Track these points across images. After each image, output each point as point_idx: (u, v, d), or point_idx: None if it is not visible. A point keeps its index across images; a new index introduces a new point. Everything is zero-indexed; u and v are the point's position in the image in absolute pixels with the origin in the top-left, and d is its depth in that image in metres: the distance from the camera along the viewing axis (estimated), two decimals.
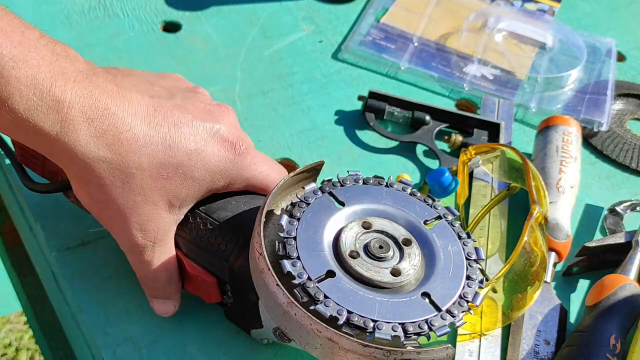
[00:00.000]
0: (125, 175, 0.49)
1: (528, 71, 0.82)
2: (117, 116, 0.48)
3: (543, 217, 0.61)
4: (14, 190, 0.67)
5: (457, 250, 0.50)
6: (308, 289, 0.45)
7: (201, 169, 0.51)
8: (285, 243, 0.47)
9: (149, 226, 0.51)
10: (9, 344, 1.58)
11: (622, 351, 0.55)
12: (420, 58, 0.82)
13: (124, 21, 0.81)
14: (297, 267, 0.46)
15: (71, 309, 0.61)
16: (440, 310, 0.47)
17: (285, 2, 0.87)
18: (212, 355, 0.55)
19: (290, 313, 0.45)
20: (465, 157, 0.68)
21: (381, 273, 0.48)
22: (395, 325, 0.45)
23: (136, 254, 0.52)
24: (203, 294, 0.55)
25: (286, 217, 0.49)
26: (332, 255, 0.48)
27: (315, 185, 0.52)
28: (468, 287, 0.49)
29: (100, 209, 0.51)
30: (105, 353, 0.54)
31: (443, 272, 0.49)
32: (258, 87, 0.77)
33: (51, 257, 0.60)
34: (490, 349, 0.58)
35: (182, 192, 0.51)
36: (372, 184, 0.53)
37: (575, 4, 0.94)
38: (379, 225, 0.51)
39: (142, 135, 0.49)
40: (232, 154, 0.52)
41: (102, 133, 0.47)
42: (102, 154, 0.48)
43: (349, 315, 0.45)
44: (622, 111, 0.82)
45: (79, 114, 0.46)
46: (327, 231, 0.49)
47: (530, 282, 0.58)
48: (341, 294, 0.46)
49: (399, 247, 0.50)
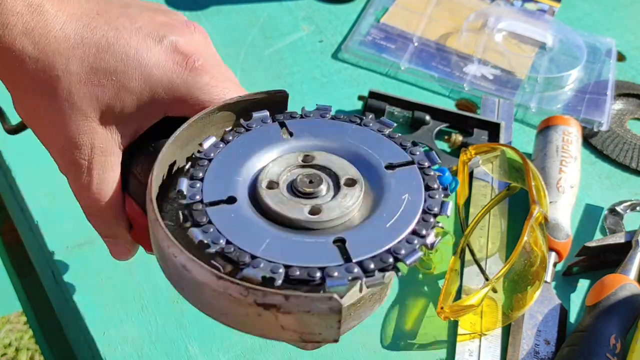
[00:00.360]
0: (51, 77, 0.44)
1: (528, 71, 0.82)
2: (50, 14, 0.43)
3: (543, 217, 0.61)
4: (14, 190, 0.67)
5: (414, 200, 0.40)
6: (193, 212, 0.39)
7: (138, 79, 0.45)
8: (197, 163, 0.42)
9: (81, 140, 0.45)
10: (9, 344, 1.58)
11: (622, 351, 0.55)
12: (420, 58, 0.82)
13: None
14: (194, 188, 0.40)
15: (71, 309, 0.61)
16: (350, 260, 0.37)
17: (285, 2, 0.87)
18: (212, 355, 0.55)
19: (152, 232, 0.40)
20: (465, 157, 0.68)
21: (296, 209, 0.39)
22: (277, 266, 0.36)
23: (72, 176, 0.47)
24: (144, 241, 0.49)
25: (213, 139, 0.43)
26: (247, 183, 0.41)
27: (267, 113, 0.45)
28: (406, 243, 0.38)
29: (31, 118, 0.46)
30: (105, 353, 0.55)
31: (380, 220, 0.39)
32: (258, 87, 0.77)
33: (51, 257, 0.60)
34: (490, 348, 0.58)
35: (116, 103, 0.45)
36: (341, 120, 0.45)
37: (575, 4, 0.94)
38: (324, 160, 0.42)
39: (74, 35, 0.44)
40: (181, 68, 0.45)
41: (30, 30, 0.43)
42: (28, 51, 0.43)
43: (226, 246, 0.37)
44: (622, 111, 0.82)
45: (10, 7, 0.42)
46: (256, 160, 0.42)
47: (530, 282, 0.58)
48: (231, 223, 0.38)
49: (338, 186, 0.41)
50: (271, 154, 0.43)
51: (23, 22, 0.43)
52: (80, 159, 0.46)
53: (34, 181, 0.64)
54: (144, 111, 0.46)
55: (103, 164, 0.46)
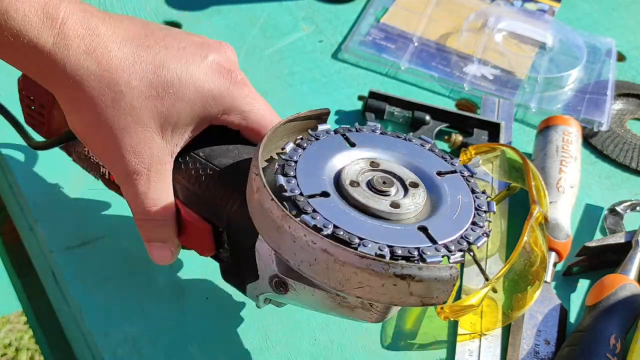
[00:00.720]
0: (115, 93, 0.48)
1: (528, 71, 0.82)
2: (107, 35, 0.48)
3: (543, 217, 0.61)
4: (14, 190, 0.67)
5: (467, 201, 0.48)
6: (298, 202, 0.44)
7: (192, 91, 0.49)
8: (285, 164, 0.46)
9: (142, 150, 0.49)
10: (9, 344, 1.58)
11: (622, 351, 0.55)
12: (420, 58, 0.82)
13: None
14: (291, 184, 0.45)
15: (71, 309, 0.61)
16: (436, 242, 0.44)
17: (285, 2, 0.87)
18: (212, 355, 0.55)
19: (284, 227, 0.43)
20: (465, 157, 0.68)
21: (379, 203, 0.46)
22: (382, 245, 0.42)
23: (130, 183, 0.50)
24: (197, 245, 0.53)
25: (291, 144, 0.48)
26: (332, 182, 0.47)
27: (329, 126, 0.51)
28: (472, 231, 0.46)
29: (91, 132, 0.50)
30: (105, 353, 0.55)
31: (447, 214, 0.46)
32: (258, 87, 0.76)
33: (51, 257, 0.60)
34: (490, 348, 0.58)
35: (173, 114, 0.49)
36: (389, 135, 0.52)
37: (575, 4, 0.94)
38: (388, 166, 0.49)
39: (132, 54, 0.48)
40: (227, 81, 0.51)
41: (92, 49, 0.47)
42: (92, 69, 0.47)
43: (335, 230, 0.43)
44: (622, 111, 0.82)
45: (71, 30, 0.47)
46: (332, 163, 0.48)
47: (530, 282, 0.58)
48: (332, 212, 0.44)
49: (405, 187, 0.48)
50: (342, 159, 0.49)
51: (85, 44, 0.47)
52: (141, 167, 0.50)
53: (34, 181, 0.64)
54: (195, 121, 0.50)
55: (160, 171, 0.50)
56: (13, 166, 0.65)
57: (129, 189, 0.51)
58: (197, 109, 0.50)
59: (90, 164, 0.57)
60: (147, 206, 0.51)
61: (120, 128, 0.48)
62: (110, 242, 0.61)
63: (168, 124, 0.49)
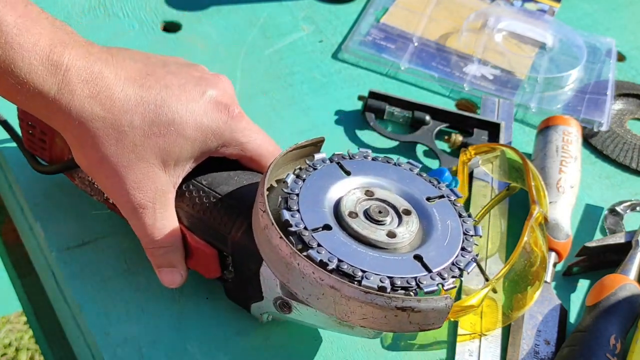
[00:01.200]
0: (118, 133, 0.51)
1: (528, 71, 0.82)
2: (109, 79, 0.50)
3: (543, 217, 0.61)
4: (14, 190, 0.67)
5: (455, 225, 0.52)
6: (303, 237, 0.47)
7: (193, 127, 0.52)
8: (288, 198, 0.49)
9: (146, 185, 0.52)
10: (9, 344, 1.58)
11: (622, 351, 0.55)
12: (420, 58, 0.82)
13: (124, 21, 0.81)
14: (295, 218, 0.48)
15: (71, 309, 0.61)
16: (430, 271, 0.47)
17: (285, 2, 0.87)
18: (212, 355, 0.55)
19: (293, 264, 0.46)
20: (465, 157, 0.68)
21: (377, 233, 0.49)
22: (384, 277, 0.46)
23: (137, 217, 0.53)
24: (203, 268, 0.55)
25: (292, 176, 0.50)
26: (332, 213, 0.50)
27: (324, 155, 0.53)
28: (462, 257, 0.49)
29: (97, 169, 0.52)
30: (105, 353, 0.55)
31: (439, 241, 0.50)
32: (258, 87, 0.77)
33: (51, 257, 0.60)
34: (490, 349, 0.58)
35: (175, 150, 0.52)
36: (380, 161, 0.55)
37: (575, 4, 0.94)
38: (381, 194, 0.52)
39: (134, 95, 0.51)
40: (225, 115, 0.53)
41: (96, 94, 0.50)
42: (96, 112, 0.50)
43: (339, 263, 0.46)
44: (622, 111, 0.82)
45: (75, 76, 0.49)
46: (330, 194, 0.51)
47: (530, 282, 0.58)
48: (335, 245, 0.47)
49: (399, 215, 0.51)
50: (340, 188, 0.51)
51: (89, 88, 0.50)
52: (146, 201, 0.52)
53: (34, 181, 0.64)
54: (196, 154, 0.53)
55: (165, 203, 0.53)
56: (13, 166, 0.65)
57: (136, 222, 0.53)
58: (198, 144, 0.53)
59: (94, 189, 0.59)
60: (155, 236, 0.53)
61: (124, 165, 0.51)
62: (110, 242, 0.61)
63: (170, 158, 0.52)
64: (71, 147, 0.53)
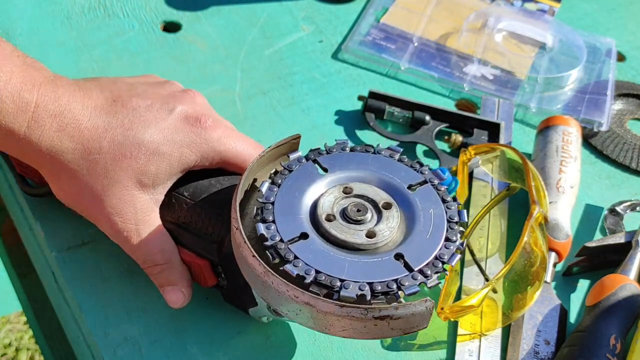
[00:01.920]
0: (89, 162, 0.51)
1: (528, 71, 0.82)
2: (77, 110, 0.52)
3: (543, 217, 0.61)
4: (14, 190, 0.67)
5: (439, 213, 0.50)
6: (279, 250, 0.46)
7: (167, 144, 0.52)
8: (263, 208, 0.49)
9: (124, 208, 0.52)
10: (9, 344, 1.58)
11: (622, 351, 0.55)
12: (420, 58, 0.82)
13: (124, 21, 0.81)
14: (270, 230, 0.47)
15: (71, 309, 0.61)
16: (412, 270, 0.47)
17: (285, 2, 0.87)
18: (212, 355, 0.55)
19: (267, 282, 0.46)
20: (465, 157, 0.68)
21: (356, 235, 0.48)
22: (363, 284, 0.45)
23: (123, 240, 0.53)
24: (199, 279, 0.55)
25: (267, 184, 0.50)
26: (309, 219, 0.49)
27: (300, 153, 0.53)
28: (445, 249, 0.48)
29: (75, 201, 0.53)
30: (105, 353, 0.55)
31: (421, 234, 0.49)
32: (258, 87, 0.77)
33: (51, 257, 0.60)
34: (490, 349, 0.58)
35: (151, 168, 0.52)
36: (359, 151, 0.54)
37: (575, 4, 0.94)
38: (360, 189, 0.51)
39: (101, 123, 0.52)
40: (197, 128, 0.53)
41: (64, 126, 0.51)
42: (66, 145, 0.51)
43: (317, 275, 0.45)
44: (622, 111, 0.82)
45: (44, 112, 0.50)
46: (307, 197, 0.50)
47: (530, 282, 0.58)
48: (312, 255, 0.47)
49: (378, 210, 0.50)
50: (317, 189, 0.51)
51: (58, 122, 0.51)
52: (128, 224, 0.53)
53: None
54: (175, 170, 0.53)
55: (149, 222, 0.53)
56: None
57: (124, 245, 0.54)
58: (175, 160, 0.53)
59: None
60: (146, 256, 0.54)
61: (99, 192, 0.52)
62: (110, 242, 0.60)
63: (147, 178, 0.52)
64: (48, 182, 0.54)
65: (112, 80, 0.56)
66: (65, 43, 0.77)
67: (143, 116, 0.53)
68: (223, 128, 0.55)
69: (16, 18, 0.78)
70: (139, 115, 0.53)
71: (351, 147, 0.54)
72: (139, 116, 0.53)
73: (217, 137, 0.54)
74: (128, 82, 0.56)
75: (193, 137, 0.53)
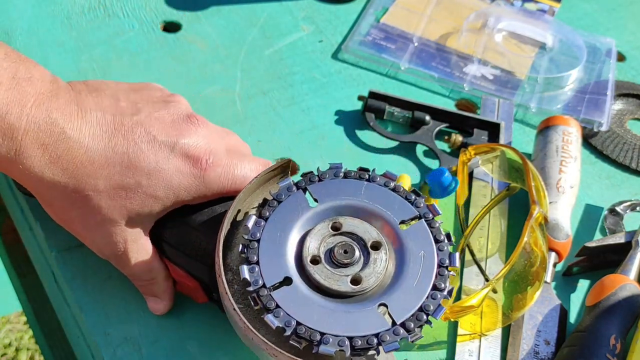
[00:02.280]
0: (82, 197, 0.49)
1: (528, 71, 0.82)
2: (72, 139, 0.48)
3: (543, 217, 0.61)
4: (14, 190, 0.67)
5: (429, 255, 0.49)
6: (261, 298, 0.46)
7: (162, 188, 0.50)
8: (249, 247, 0.48)
9: (115, 240, 0.52)
10: (9, 344, 1.58)
11: (622, 351, 0.55)
12: (420, 58, 0.82)
13: (124, 21, 0.81)
14: (254, 274, 0.47)
15: (71, 309, 0.61)
16: (395, 324, 0.46)
17: (285, 2, 0.87)
18: (212, 355, 0.55)
19: (249, 336, 0.46)
20: (465, 157, 0.68)
21: (340, 281, 0.47)
22: (343, 340, 0.45)
23: (113, 261, 0.54)
24: (191, 295, 0.56)
25: (254, 218, 0.49)
26: (295, 259, 0.48)
27: (290, 181, 0.51)
28: (431, 299, 0.47)
29: (66, 226, 0.53)
30: (105, 353, 0.55)
31: (408, 280, 0.48)
32: (258, 87, 0.77)
33: (51, 257, 0.60)
34: (490, 349, 0.58)
35: (144, 210, 0.51)
36: (352, 177, 0.52)
37: (575, 4, 0.94)
38: (349, 226, 0.50)
39: (99, 157, 0.48)
40: (197, 170, 0.51)
41: (56, 158, 0.47)
42: (57, 179, 0.48)
43: (297, 327, 0.45)
44: (622, 111, 0.82)
45: (33, 141, 0.46)
46: (295, 232, 0.49)
47: (530, 282, 0.58)
48: (294, 303, 0.46)
49: (366, 251, 0.49)
50: (304, 225, 0.49)
51: (49, 153, 0.47)
52: (116, 252, 0.52)
53: None
54: (168, 209, 0.52)
55: (137, 248, 0.53)
56: None
57: (112, 262, 0.54)
58: (169, 202, 0.51)
59: None
60: (133, 273, 0.54)
61: (90, 226, 0.51)
62: None
63: (139, 216, 0.51)
64: (41, 203, 0.52)
65: (117, 95, 0.52)
66: (65, 43, 0.77)
67: (144, 153, 0.50)
68: (222, 164, 0.52)
69: (16, 18, 0.78)
70: (140, 152, 0.50)
71: (345, 172, 0.52)
72: (141, 153, 0.50)
73: (216, 176, 0.52)
74: (132, 99, 0.53)
75: (191, 181, 0.51)
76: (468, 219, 0.66)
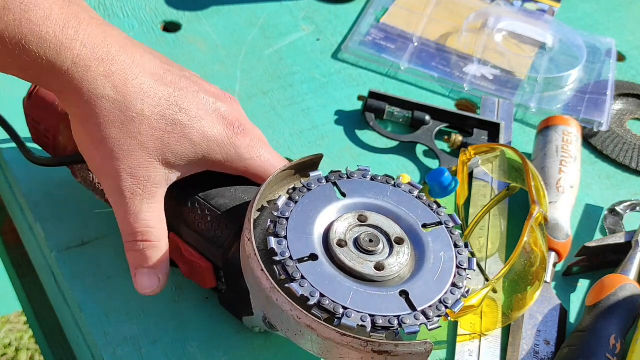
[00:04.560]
0: (126, 117, 0.50)
1: (528, 71, 0.82)
2: (126, 64, 0.50)
3: (543, 217, 0.61)
4: (14, 190, 0.67)
5: (449, 257, 0.51)
6: (287, 267, 0.46)
7: (198, 134, 0.52)
8: (277, 222, 0.49)
9: (140, 172, 0.51)
10: (9, 344, 1.58)
11: (622, 351, 0.55)
12: (420, 58, 0.82)
13: (124, 21, 0.81)
14: (282, 246, 0.47)
15: (71, 309, 0.61)
16: (415, 309, 0.47)
17: (285, 2, 0.87)
18: (212, 355, 0.55)
19: (272, 298, 0.46)
20: (465, 157, 0.68)
21: (364, 265, 0.48)
22: (365, 316, 0.45)
23: (123, 202, 0.51)
24: (199, 279, 0.55)
25: (284, 198, 0.50)
26: (321, 241, 0.49)
27: (321, 173, 0.53)
28: (450, 294, 0.49)
29: (95, 149, 0.51)
30: (105, 353, 0.55)
31: (429, 274, 0.49)
32: (258, 87, 0.77)
33: (51, 257, 0.60)
34: (490, 349, 0.58)
35: (178, 149, 0.52)
36: (379, 181, 0.54)
37: (575, 4, 0.94)
38: (375, 220, 0.51)
39: (148, 86, 0.51)
40: (230, 131, 0.53)
41: (110, 74, 0.49)
42: (108, 93, 0.49)
43: (321, 299, 0.46)
44: (622, 111, 0.82)
45: (91, 53, 0.49)
46: (322, 218, 0.50)
47: (530, 282, 0.58)
48: (319, 277, 0.47)
49: (390, 244, 0.50)
50: (333, 212, 0.51)
51: (104, 67, 0.49)
52: (136, 187, 0.51)
53: (34, 181, 0.64)
54: (197, 159, 0.53)
55: (154, 194, 0.52)
56: (13, 166, 0.65)
57: (120, 209, 0.52)
58: (200, 151, 0.53)
59: (95, 188, 0.59)
60: (137, 227, 0.52)
61: (123, 149, 0.51)
62: (110, 242, 0.61)
63: (171, 155, 0.52)
64: (73, 123, 0.52)
65: (161, 56, 0.55)
66: None
67: (188, 99, 0.52)
68: (252, 137, 0.55)
69: None
70: (185, 97, 0.52)
71: (372, 175, 0.54)
72: (185, 97, 0.52)
73: (245, 144, 0.54)
74: (176, 65, 0.55)
75: (224, 139, 0.53)
76: (468, 219, 0.66)
